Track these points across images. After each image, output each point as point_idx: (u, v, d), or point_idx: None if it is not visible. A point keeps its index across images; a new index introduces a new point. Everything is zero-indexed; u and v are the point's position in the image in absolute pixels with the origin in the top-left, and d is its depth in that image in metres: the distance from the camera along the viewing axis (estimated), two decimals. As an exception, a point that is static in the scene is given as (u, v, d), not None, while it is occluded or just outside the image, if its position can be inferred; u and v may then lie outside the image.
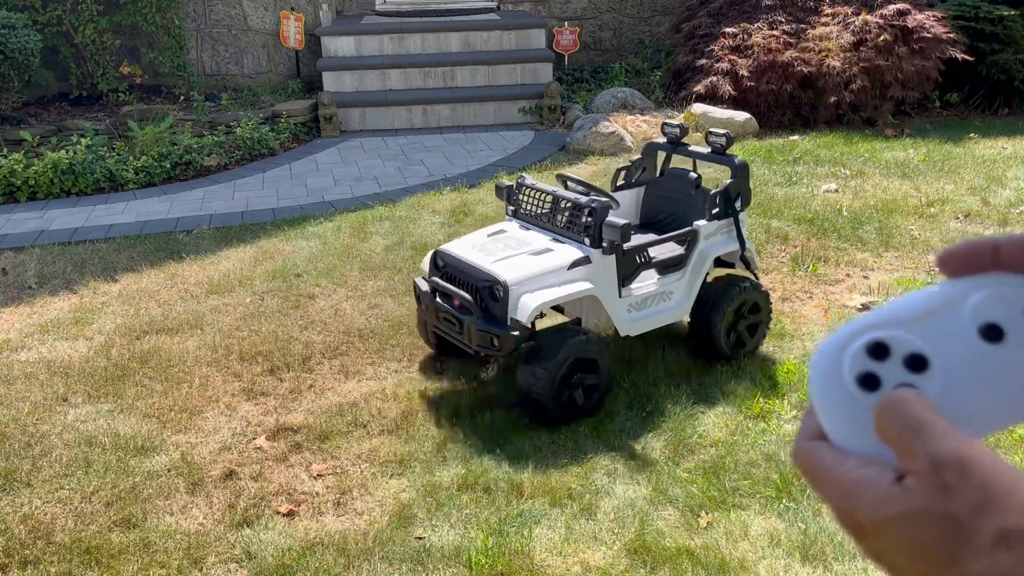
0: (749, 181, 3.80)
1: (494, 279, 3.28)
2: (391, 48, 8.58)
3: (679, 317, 3.76)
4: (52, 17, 8.00)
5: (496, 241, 3.55)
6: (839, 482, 0.48)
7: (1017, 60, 8.06)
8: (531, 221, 3.67)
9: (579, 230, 3.43)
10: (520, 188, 3.73)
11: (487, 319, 3.30)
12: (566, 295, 3.31)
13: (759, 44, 7.67)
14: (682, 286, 3.68)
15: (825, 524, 2.83)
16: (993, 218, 5.46)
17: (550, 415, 3.33)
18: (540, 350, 3.29)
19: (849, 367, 0.50)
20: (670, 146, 4.11)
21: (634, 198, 4.21)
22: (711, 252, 3.70)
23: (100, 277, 4.99)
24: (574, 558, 2.72)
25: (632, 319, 3.57)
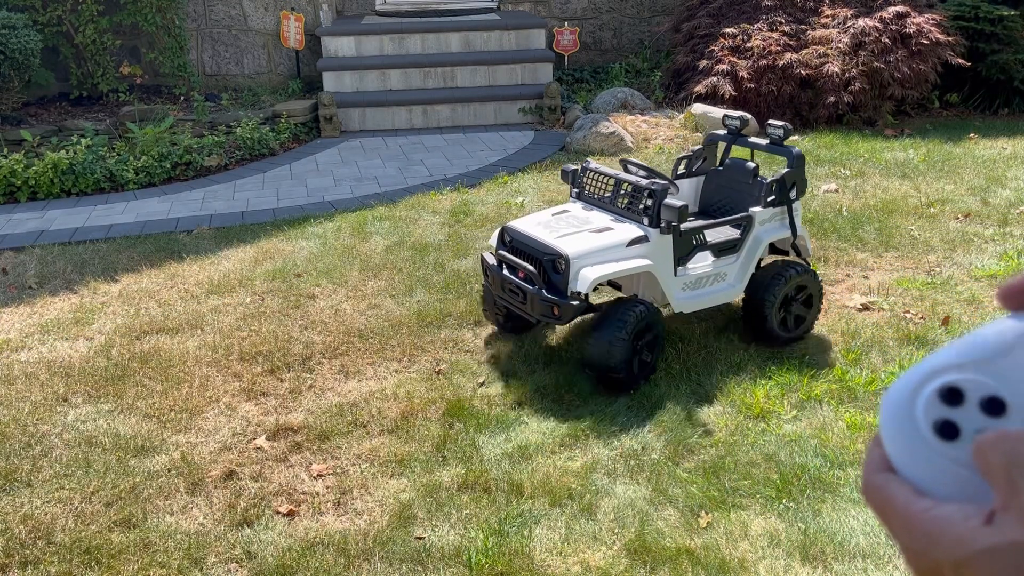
0: (805, 171, 3.97)
1: (557, 253, 3.52)
2: (391, 48, 8.58)
3: (731, 298, 3.94)
4: (52, 17, 8.00)
5: (560, 219, 3.77)
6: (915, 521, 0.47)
7: (1017, 60, 8.06)
8: (594, 203, 3.88)
9: (639, 211, 3.64)
10: (584, 172, 3.97)
11: (549, 290, 3.55)
12: (623, 270, 3.53)
13: (758, 47, 7.67)
14: (736, 269, 3.86)
15: (825, 524, 2.83)
16: (993, 218, 5.46)
17: (623, 380, 3.54)
18: (609, 321, 3.51)
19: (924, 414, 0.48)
20: (730, 137, 4.29)
21: (694, 186, 4.38)
22: (765, 237, 3.87)
23: (100, 277, 4.99)
24: (574, 558, 2.72)
25: (686, 297, 3.77)
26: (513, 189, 6.29)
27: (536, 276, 3.56)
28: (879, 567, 2.65)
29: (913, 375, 0.49)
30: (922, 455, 0.48)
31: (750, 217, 3.84)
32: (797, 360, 3.84)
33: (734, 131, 4.26)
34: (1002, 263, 4.77)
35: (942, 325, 4.10)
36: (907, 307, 4.31)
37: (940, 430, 0.48)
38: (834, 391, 3.59)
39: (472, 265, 4.94)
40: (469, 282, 4.70)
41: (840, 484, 3.02)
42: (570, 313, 3.51)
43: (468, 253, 5.13)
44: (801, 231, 3.96)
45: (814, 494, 2.97)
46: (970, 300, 4.37)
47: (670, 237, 3.62)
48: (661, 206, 3.55)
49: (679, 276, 3.71)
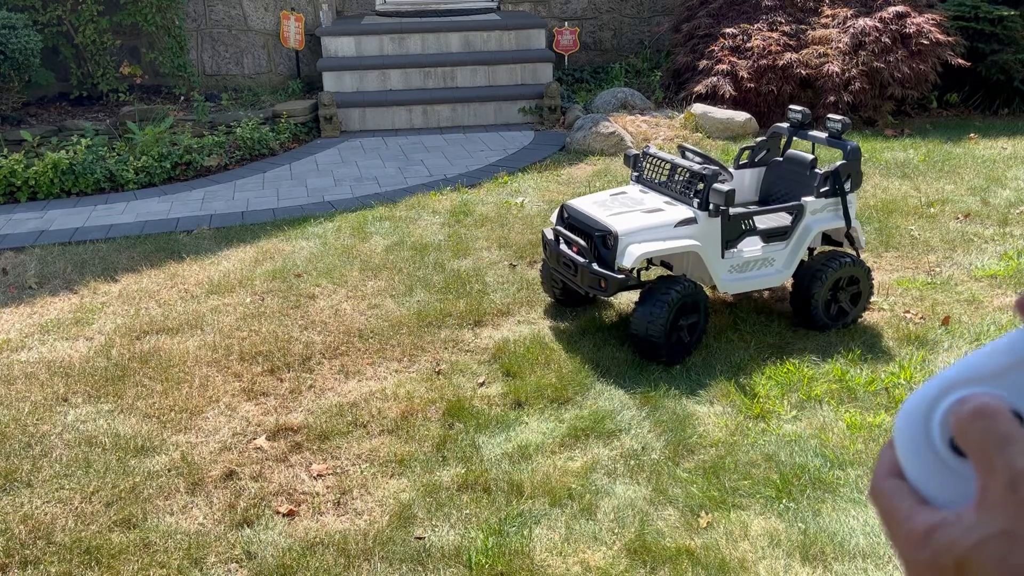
0: (860, 164, 4.06)
1: (608, 229, 3.72)
2: (391, 48, 8.58)
3: (777, 283, 4.07)
4: (52, 17, 8.00)
5: (616, 199, 3.98)
6: (914, 533, 0.46)
7: (1017, 60, 8.05)
8: (651, 186, 4.08)
9: (691, 194, 3.81)
10: (644, 156, 4.18)
11: (600, 264, 3.74)
12: (669, 248, 3.70)
13: (758, 47, 7.67)
14: (784, 255, 3.99)
15: (825, 524, 2.83)
16: (993, 218, 5.46)
17: (662, 353, 3.73)
18: (653, 294, 3.71)
19: (940, 431, 0.48)
20: (792, 130, 4.40)
21: (755, 176, 4.50)
22: (815, 226, 3.98)
23: (100, 277, 4.99)
24: (574, 558, 2.72)
25: (732, 279, 3.91)
26: (513, 189, 6.29)
27: (587, 251, 3.77)
28: (879, 567, 2.65)
29: (929, 389, 0.49)
30: (935, 470, 0.48)
31: (801, 206, 3.96)
32: (797, 360, 3.84)
33: (796, 124, 4.37)
34: (1002, 263, 4.77)
35: (942, 325, 4.10)
36: (907, 307, 4.31)
37: (956, 447, 0.47)
38: (834, 391, 3.59)
39: (472, 265, 4.94)
40: (469, 282, 4.70)
41: (840, 484, 3.02)
42: (616, 286, 3.71)
43: (468, 253, 5.13)
44: (855, 223, 4.04)
45: (814, 494, 2.97)
46: (970, 300, 4.37)
47: (718, 220, 3.77)
48: (710, 190, 3.70)
49: (727, 259, 3.85)
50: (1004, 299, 4.39)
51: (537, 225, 5.52)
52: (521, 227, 5.50)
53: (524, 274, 4.82)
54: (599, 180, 6.42)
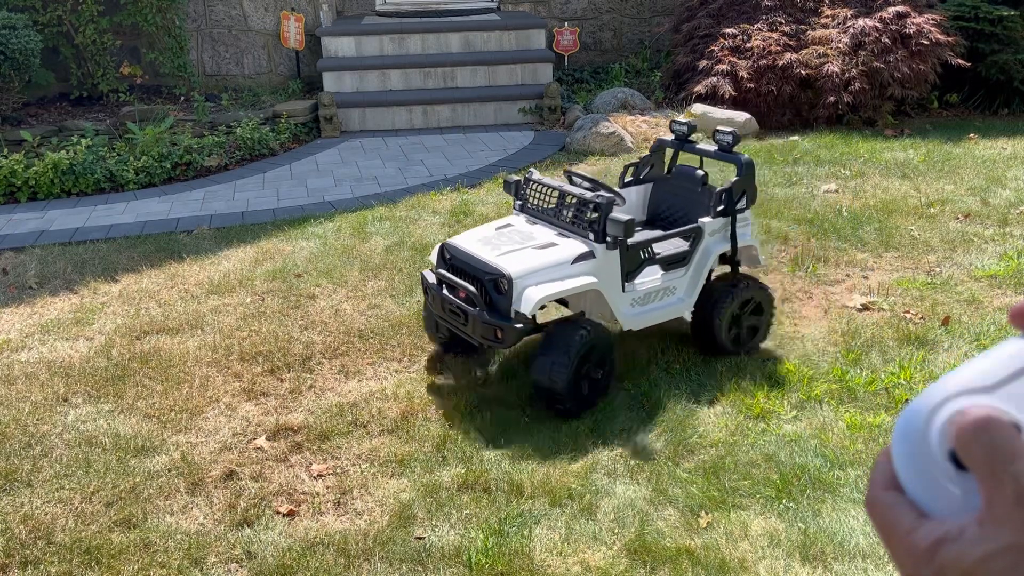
0: (755, 179, 3.86)
1: (499, 272, 3.35)
2: (391, 48, 8.58)
3: (681, 313, 3.80)
4: (52, 17, 8.00)
5: (502, 235, 3.62)
6: (918, 548, 0.46)
7: (1017, 60, 8.06)
8: (538, 216, 3.73)
9: (584, 225, 3.48)
10: (527, 183, 3.81)
11: (492, 312, 3.36)
12: (570, 288, 3.36)
13: (758, 47, 7.67)
14: (685, 282, 3.74)
15: (825, 524, 2.83)
16: (993, 218, 5.46)
17: (567, 406, 3.40)
18: (555, 342, 3.36)
19: (939, 442, 0.47)
20: (678, 143, 4.16)
21: (641, 194, 4.26)
22: (715, 249, 3.74)
23: (100, 277, 4.99)
24: (574, 558, 2.72)
25: (635, 313, 3.62)
26: (513, 189, 6.29)
27: (477, 297, 3.36)
28: (879, 567, 2.65)
29: (928, 399, 0.48)
30: (934, 482, 0.48)
31: (699, 228, 3.71)
32: (797, 360, 3.84)
33: (681, 137, 4.13)
34: (1002, 263, 4.77)
35: (942, 325, 4.10)
36: (907, 307, 4.32)
37: (955, 459, 0.47)
38: (834, 391, 3.59)
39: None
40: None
41: (840, 484, 3.03)
42: (514, 336, 3.33)
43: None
44: (752, 241, 3.85)
45: (814, 494, 2.97)
46: (970, 300, 4.37)
47: (617, 252, 3.47)
48: (607, 220, 3.41)
49: (627, 292, 3.56)
50: (1004, 299, 4.39)
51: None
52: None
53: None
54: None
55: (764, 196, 5.92)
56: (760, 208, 5.69)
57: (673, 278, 3.71)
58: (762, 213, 5.60)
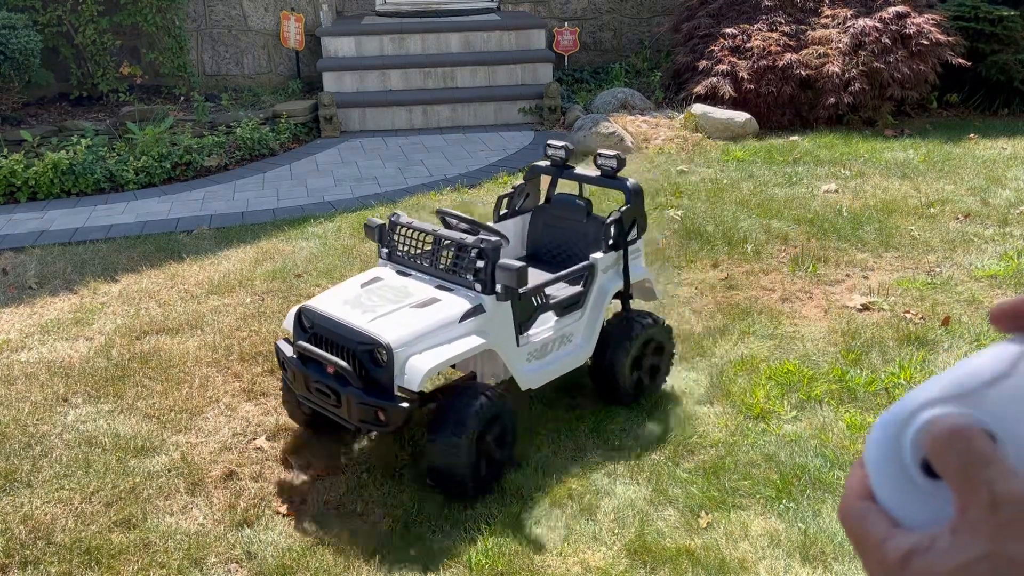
0: (644, 206, 3.51)
1: (374, 341, 2.81)
2: (391, 48, 8.58)
3: (582, 360, 3.41)
4: (52, 17, 8.00)
5: (371, 293, 3.09)
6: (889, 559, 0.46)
7: (1017, 61, 8.06)
8: (410, 265, 3.23)
9: (468, 274, 3.01)
10: (394, 227, 3.28)
11: (369, 389, 2.82)
12: (461, 353, 2.88)
13: (758, 47, 7.67)
14: (583, 326, 3.36)
15: (825, 524, 2.83)
16: (993, 218, 5.46)
17: (468, 489, 2.93)
18: (447, 418, 2.87)
19: (912, 450, 0.47)
20: (555, 169, 3.77)
21: (519, 227, 3.86)
22: (610, 287, 3.41)
23: (100, 277, 4.99)
24: (574, 558, 2.72)
25: (533, 369, 3.19)
26: (513, 189, 6.29)
27: (350, 373, 2.82)
28: (879, 567, 2.65)
29: (901, 409, 0.48)
30: (907, 491, 0.47)
31: (592, 266, 3.34)
32: (797, 360, 3.84)
33: (559, 162, 3.74)
34: (1002, 263, 4.77)
35: (942, 325, 4.10)
36: (907, 307, 4.31)
37: (928, 468, 0.47)
38: (834, 391, 3.59)
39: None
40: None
41: (840, 484, 3.02)
42: (400, 417, 2.78)
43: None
44: (646, 274, 3.56)
45: (814, 494, 2.97)
46: (970, 300, 4.37)
47: (509, 304, 3.03)
48: (496, 268, 2.94)
49: (522, 346, 3.12)
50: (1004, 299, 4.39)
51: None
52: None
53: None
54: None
55: (765, 196, 5.92)
56: (760, 208, 5.69)
57: (568, 324, 3.31)
58: (762, 213, 5.60)
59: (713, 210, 5.69)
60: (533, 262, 3.72)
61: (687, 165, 6.74)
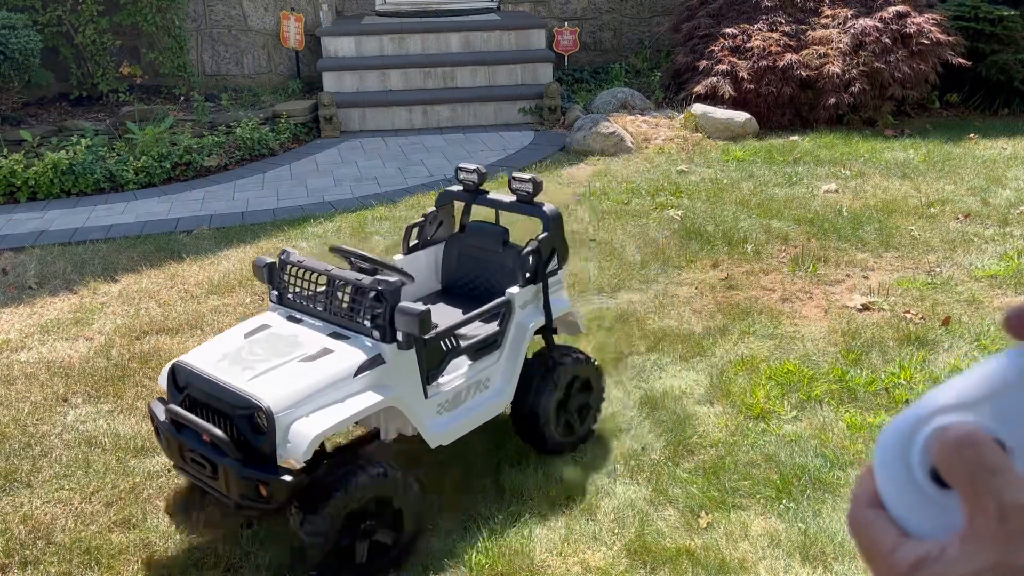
0: (564, 233, 3.20)
1: (252, 403, 2.46)
2: (391, 48, 8.58)
3: (503, 407, 3.07)
4: (52, 17, 8.00)
5: (255, 344, 2.73)
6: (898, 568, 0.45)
7: (1017, 60, 8.06)
8: (302, 310, 2.88)
9: (365, 320, 2.67)
10: (284, 266, 2.92)
11: (249, 459, 2.48)
12: (355, 414, 2.54)
13: (758, 47, 7.67)
14: (501, 369, 3.03)
15: (825, 524, 2.83)
16: (993, 218, 5.46)
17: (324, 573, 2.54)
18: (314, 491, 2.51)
19: (920, 459, 0.47)
20: (468, 195, 3.46)
21: (432, 259, 3.52)
22: (529, 324, 3.08)
23: (100, 277, 4.99)
24: (574, 558, 2.72)
25: (444, 423, 2.87)
26: (513, 189, 6.29)
27: (227, 442, 2.47)
28: (879, 567, 2.65)
29: (909, 416, 0.48)
30: (915, 499, 0.47)
31: (509, 302, 3.02)
32: (797, 360, 3.84)
33: (472, 187, 3.42)
34: (1002, 263, 4.77)
35: (942, 326, 4.10)
36: (907, 307, 4.31)
37: (937, 477, 0.46)
38: (834, 391, 3.59)
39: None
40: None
41: (840, 484, 3.02)
42: (283, 492, 2.43)
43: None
44: (568, 306, 3.22)
45: (814, 494, 2.97)
46: (970, 300, 4.37)
47: (413, 352, 2.69)
48: (395, 313, 2.59)
49: (431, 398, 2.79)
50: (1004, 299, 4.39)
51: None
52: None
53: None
54: (599, 180, 6.43)
55: (765, 196, 5.92)
56: (761, 208, 5.69)
57: (485, 367, 2.97)
58: (762, 213, 5.60)
59: (713, 210, 5.69)
60: (447, 297, 3.44)
61: (687, 165, 6.74)
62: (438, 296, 3.48)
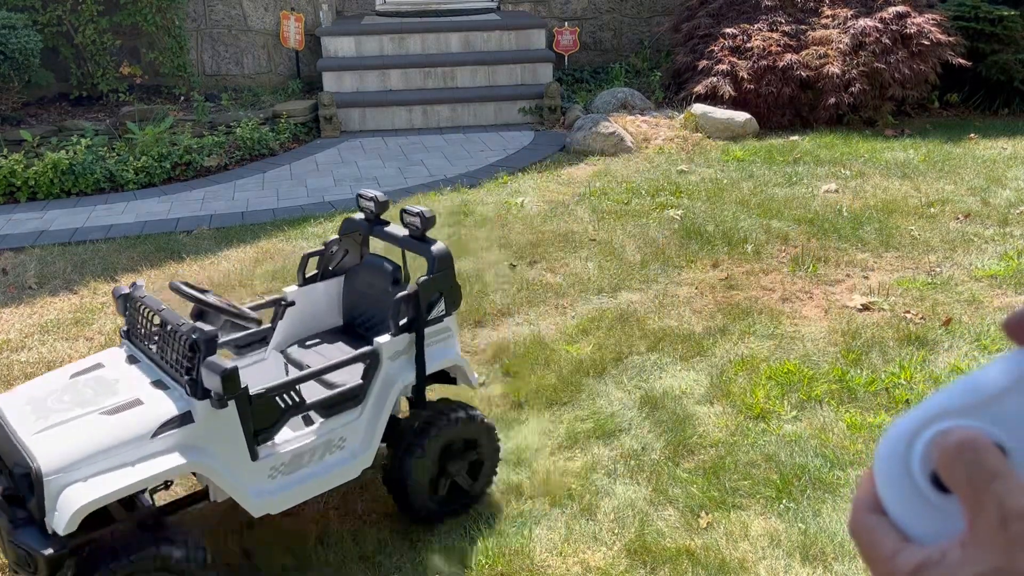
0: (453, 274, 2.85)
1: (26, 462, 2.20)
2: (391, 48, 8.58)
3: (358, 471, 2.71)
4: (52, 17, 8.00)
5: (73, 388, 2.48)
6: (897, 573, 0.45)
7: (1017, 60, 8.06)
8: (142, 350, 2.61)
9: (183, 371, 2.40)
10: (131, 300, 2.67)
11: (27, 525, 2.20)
12: (142, 480, 2.22)
13: (758, 47, 7.67)
14: (360, 428, 2.69)
15: (825, 524, 2.83)
16: (993, 218, 5.46)
17: None
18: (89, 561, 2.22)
19: (921, 464, 0.47)
20: (366, 225, 3.13)
21: (334, 292, 3.24)
22: (400, 379, 2.75)
23: (100, 277, 4.99)
24: (574, 558, 2.72)
25: (277, 489, 2.53)
26: (513, 189, 6.30)
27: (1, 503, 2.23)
28: (879, 567, 2.65)
29: (910, 421, 0.48)
30: (916, 504, 0.47)
31: (375, 353, 2.69)
32: (797, 360, 3.84)
33: (371, 216, 3.11)
34: (1002, 263, 4.77)
35: (943, 326, 4.10)
36: (907, 307, 4.31)
37: (937, 482, 0.46)
38: (834, 391, 3.59)
39: (472, 265, 4.94)
40: (469, 282, 4.70)
41: (840, 484, 3.02)
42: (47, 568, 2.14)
43: (468, 253, 5.13)
44: (456, 358, 2.87)
45: (814, 494, 2.97)
46: (970, 300, 4.37)
47: (233, 409, 2.38)
48: (202, 368, 2.32)
49: (262, 460, 2.47)
50: (1004, 299, 4.39)
51: (537, 225, 5.52)
52: (521, 227, 5.50)
53: (524, 274, 4.82)
54: (599, 180, 6.43)
55: (765, 196, 5.92)
56: (761, 208, 5.69)
57: (341, 425, 2.65)
58: (762, 213, 5.60)
59: (713, 210, 5.69)
60: (345, 335, 3.15)
61: (687, 165, 6.74)
62: (336, 333, 3.14)
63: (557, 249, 5.14)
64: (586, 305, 4.44)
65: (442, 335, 2.84)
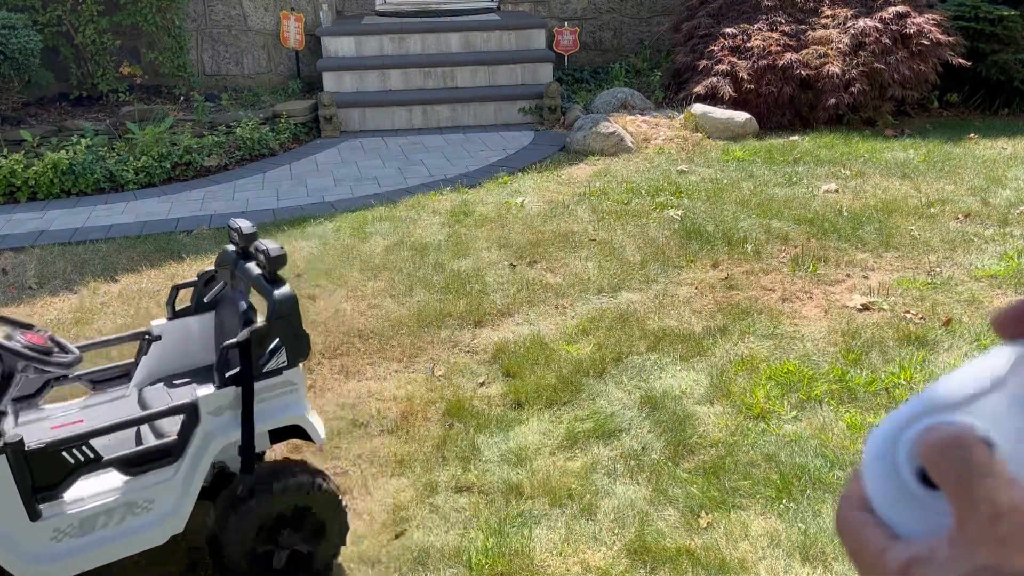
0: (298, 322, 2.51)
1: None
2: (391, 48, 8.58)
3: (166, 536, 2.42)
4: (52, 17, 8.00)
5: None
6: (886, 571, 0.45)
7: (1017, 60, 8.06)
8: None
9: None
10: None
11: None
12: None
13: (758, 47, 7.67)
14: (175, 489, 2.41)
15: (825, 524, 2.83)
16: (993, 218, 5.46)
17: None
18: None
19: (907, 460, 0.46)
20: (236, 256, 2.75)
21: (206, 328, 2.95)
22: (222, 436, 2.43)
23: (100, 277, 4.99)
24: (574, 558, 2.72)
25: (61, 554, 2.25)
26: (513, 189, 6.30)
27: None
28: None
29: (897, 417, 0.47)
30: (904, 501, 0.47)
31: (193, 406, 2.40)
32: (797, 360, 3.84)
33: (239, 249, 2.73)
34: (1002, 263, 4.77)
35: (943, 326, 4.10)
36: (907, 307, 4.31)
37: (924, 478, 0.46)
38: (834, 391, 3.59)
39: (472, 265, 4.94)
40: (469, 282, 4.70)
41: (840, 484, 3.02)
42: None
43: (468, 253, 5.13)
44: (301, 412, 2.56)
45: (814, 494, 2.97)
46: (970, 300, 4.37)
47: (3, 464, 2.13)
48: None
49: (46, 520, 2.22)
50: (1004, 299, 4.39)
51: (537, 225, 5.52)
52: (521, 227, 5.50)
53: (524, 274, 4.82)
54: (599, 180, 6.43)
55: (765, 196, 5.92)
56: (760, 208, 5.69)
57: (149, 485, 2.37)
58: (762, 213, 5.60)
59: (713, 210, 5.69)
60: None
61: (687, 165, 6.74)
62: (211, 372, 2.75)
63: (557, 249, 5.14)
64: (586, 305, 4.44)
65: (283, 388, 2.53)
